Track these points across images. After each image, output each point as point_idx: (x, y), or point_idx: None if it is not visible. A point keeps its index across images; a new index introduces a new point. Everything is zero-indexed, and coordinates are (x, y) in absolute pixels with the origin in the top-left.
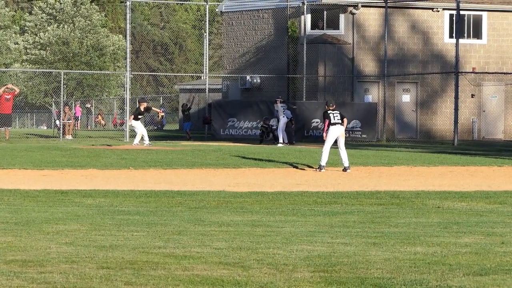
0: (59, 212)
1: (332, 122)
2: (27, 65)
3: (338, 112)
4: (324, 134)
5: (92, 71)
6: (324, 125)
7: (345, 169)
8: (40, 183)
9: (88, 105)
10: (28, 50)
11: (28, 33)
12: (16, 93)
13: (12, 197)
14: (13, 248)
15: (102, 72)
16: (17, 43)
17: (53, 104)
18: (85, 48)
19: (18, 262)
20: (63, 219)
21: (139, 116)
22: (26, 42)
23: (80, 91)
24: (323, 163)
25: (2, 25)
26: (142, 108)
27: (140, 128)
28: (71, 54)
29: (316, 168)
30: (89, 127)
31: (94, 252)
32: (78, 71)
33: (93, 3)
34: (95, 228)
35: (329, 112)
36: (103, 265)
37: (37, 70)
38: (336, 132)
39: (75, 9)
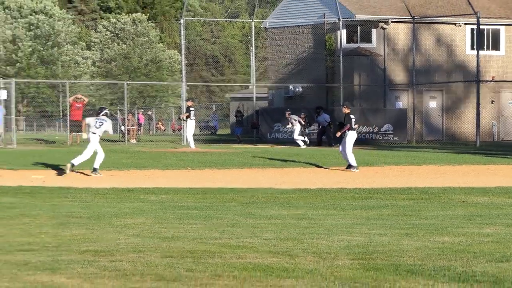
0: (126, 207)
1: (352, 127)
2: (95, 77)
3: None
4: (339, 133)
5: (151, 82)
6: (345, 128)
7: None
8: (108, 182)
9: (150, 113)
10: (96, 64)
11: (94, 48)
12: (85, 102)
13: (85, 195)
14: (86, 239)
15: (160, 83)
16: (85, 58)
17: (118, 112)
18: (144, 62)
19: (91, 252)
20: (130, 214)
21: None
22: (94, 57)
23: (142, 100)
24: (354, 163)
25: (70, 41)
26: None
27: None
28: (133, 68)
29: (350, 169)
30: (151, 132)
31: (158, 242)
32: (139, 82)
33: (149, 21)
34: (158, 221)
35: (351, 116)
36: (166, 254)
37: (103, 82)
38: (354, 136)
39: (134, 27)
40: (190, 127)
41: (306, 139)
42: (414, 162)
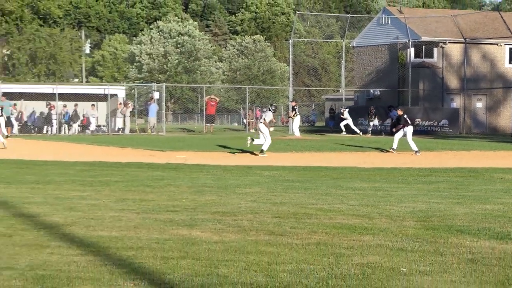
0: (246, 180)
1: (407, 125)
2: (224, 83)
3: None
4: (394, 129)
5: (266, 87)
6: (399, 127)
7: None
8: (233, 160)
9: (264, 109)
10: (225, 73)
11: (224, 61)
12: (217, 101)
13: (215, 170)
14: (216, 204)
15: (273, 87)
16: (217, 68)
17: (241, 109)
18: (261, 72)
19: (219, 213)
20: (249, 185)
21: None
22: (224, 67)
23: (259, 100)
24: (416, 148)
25: (207, 56)
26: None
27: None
28: (253, 76)
29: (415, 153)
30: None
31: (269, 207)
32: (257, 86)
33: (266, 41)
34: (270, 191)
35: (404, 116)
36: (275, 215)
37: (230, 86)
38: (411, 129)
39: (254, 45)
40: (296, 121)
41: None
42: (464, 148)
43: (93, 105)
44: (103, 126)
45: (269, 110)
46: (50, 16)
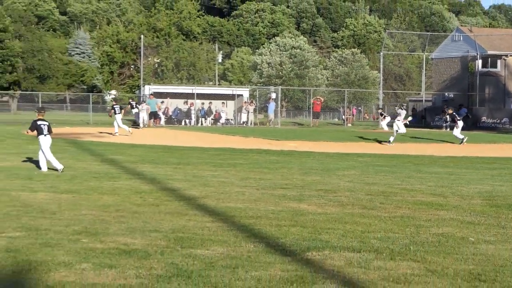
0: (344, 164)
1: (457, 120)
2: (328, 86)
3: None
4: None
5: (361, 90)
6: (457, 121)
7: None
8: (334, 148)
9: (360, 108)
10: (328, 79)
11: (327, 69)
12: (322, 101)
13: (320, 156)
14: (320, 183)
15: (366, 90)
16: (322, 75)
17: (340, 107)
18: (358, 78)
19: (322, 190)
20: (347, 168)
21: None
22: (327, 74)
23: (355, 101)
24: (461, 136)
25: (314, 65)
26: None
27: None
28: (351, 81)
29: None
30: (360, 120)
31: (363, 186)
32: (353, 89)
33: (361, 53)
34: (363, 173)
35: (454, 113)
36: (367, 193)
37: (333, 89)
38: (461, 124)
39: (352, 56)
40: (386, 120)
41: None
42: None
43: (223, 103)
44: (231, 119)
45: (401, 109)
46: (191, 33)
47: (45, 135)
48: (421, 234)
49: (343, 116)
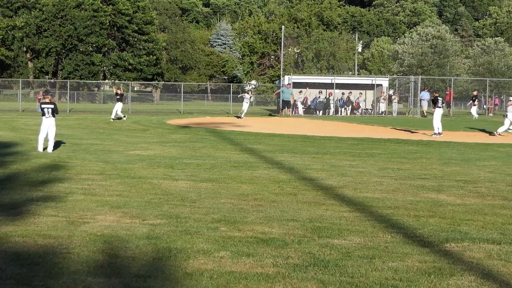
0: (484, 155)
1: (438, 105)
2: (470, 76)
3: (440, 98)
4: (434, 109)
5: (505, 79)
6: (435, 106)
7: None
8: (473, 138)
9: (502, 97)
10: (470, 68)
11: (469, 58)
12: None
13: (459, 146)
14: (459, 173)
15: (510, 79)
16: (463, 63)
17: (481, 97)
18: (501, 66)
19: (462, 181)
20: (487, 159)
21: None
22: (469, 63)
23: (497, 90)
24: (436, 130)
25: (454, 54)
26: None
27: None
28: (493, 69)
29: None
30: (502, 109)
31: (504, 177)
32: (495, 79)
33: (505, 42)
34: (504, 164)
35: (438, 98)
36: (509, 184)
37: (474, 78)
38: (440, 112)
39: (495, 45)
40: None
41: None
42: None
43: (360, 93)
44: (370, 109)
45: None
46: (331, 23)
47: (47, 117)
48: None
49: (484, 106)
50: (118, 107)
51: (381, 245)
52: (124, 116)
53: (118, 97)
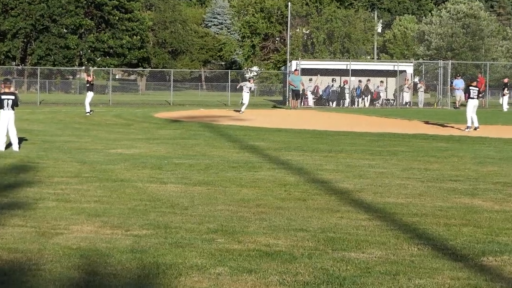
0: None
1: (470, 96)
2: (508, 60)
3: (477, 89)
4: (466, 101)
5: None
6: (465, 97)
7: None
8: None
9: None
10: (509, 50)
11: (508, 39)
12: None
13: (496, 143)
14: (497, 174)
15: None
16: (501, 46)
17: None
18: None
19: (501, 183)
20: None
21: None
22: (507, 45)
23: None
24: (469, 124)
25: (491, 35)
26: None
27: None
28: None
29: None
30: None
31: None
32: None
33: None
34: None
35: (470, 88)
36: None
37: (510, 63)
38: (473, 103)
39: None
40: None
41: None
42: None
43: (381, 81)
44: (392, 100)
45: None
46: None
47: (6, 110)
48: None
49: None
50: (90, 97)
51: (406, 259)
52: (91, 111)
53: (88, 85)
